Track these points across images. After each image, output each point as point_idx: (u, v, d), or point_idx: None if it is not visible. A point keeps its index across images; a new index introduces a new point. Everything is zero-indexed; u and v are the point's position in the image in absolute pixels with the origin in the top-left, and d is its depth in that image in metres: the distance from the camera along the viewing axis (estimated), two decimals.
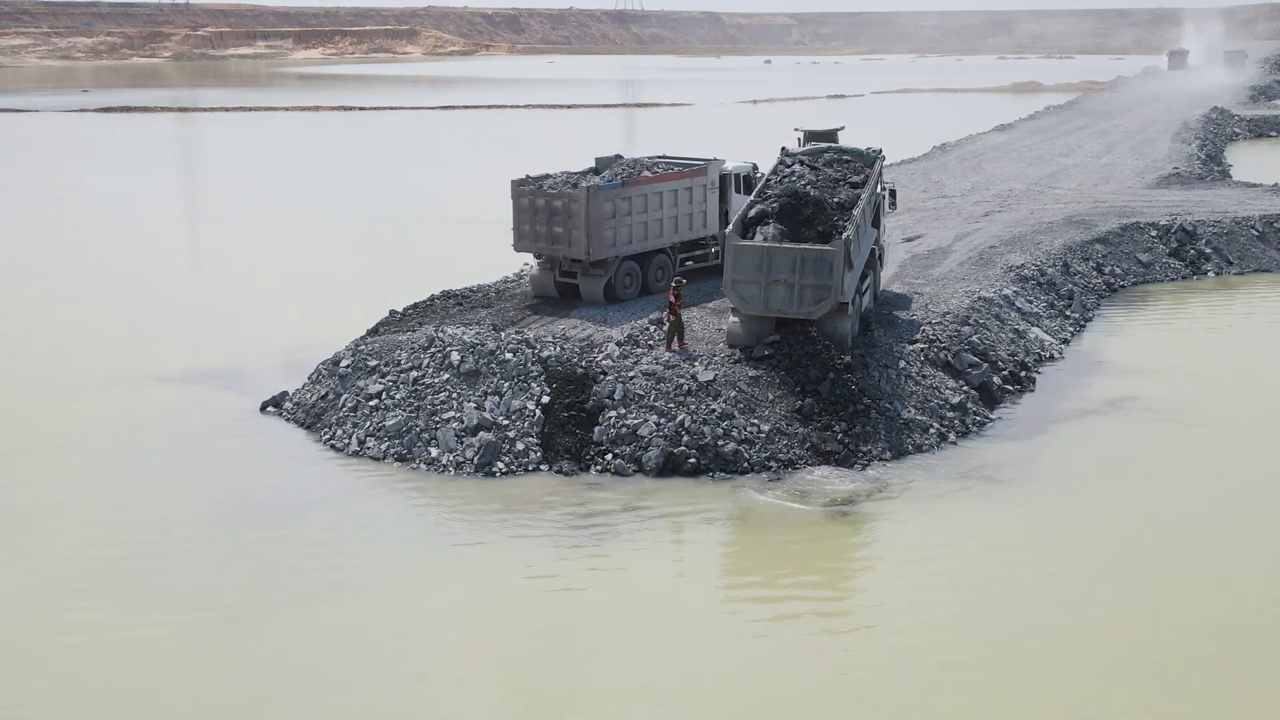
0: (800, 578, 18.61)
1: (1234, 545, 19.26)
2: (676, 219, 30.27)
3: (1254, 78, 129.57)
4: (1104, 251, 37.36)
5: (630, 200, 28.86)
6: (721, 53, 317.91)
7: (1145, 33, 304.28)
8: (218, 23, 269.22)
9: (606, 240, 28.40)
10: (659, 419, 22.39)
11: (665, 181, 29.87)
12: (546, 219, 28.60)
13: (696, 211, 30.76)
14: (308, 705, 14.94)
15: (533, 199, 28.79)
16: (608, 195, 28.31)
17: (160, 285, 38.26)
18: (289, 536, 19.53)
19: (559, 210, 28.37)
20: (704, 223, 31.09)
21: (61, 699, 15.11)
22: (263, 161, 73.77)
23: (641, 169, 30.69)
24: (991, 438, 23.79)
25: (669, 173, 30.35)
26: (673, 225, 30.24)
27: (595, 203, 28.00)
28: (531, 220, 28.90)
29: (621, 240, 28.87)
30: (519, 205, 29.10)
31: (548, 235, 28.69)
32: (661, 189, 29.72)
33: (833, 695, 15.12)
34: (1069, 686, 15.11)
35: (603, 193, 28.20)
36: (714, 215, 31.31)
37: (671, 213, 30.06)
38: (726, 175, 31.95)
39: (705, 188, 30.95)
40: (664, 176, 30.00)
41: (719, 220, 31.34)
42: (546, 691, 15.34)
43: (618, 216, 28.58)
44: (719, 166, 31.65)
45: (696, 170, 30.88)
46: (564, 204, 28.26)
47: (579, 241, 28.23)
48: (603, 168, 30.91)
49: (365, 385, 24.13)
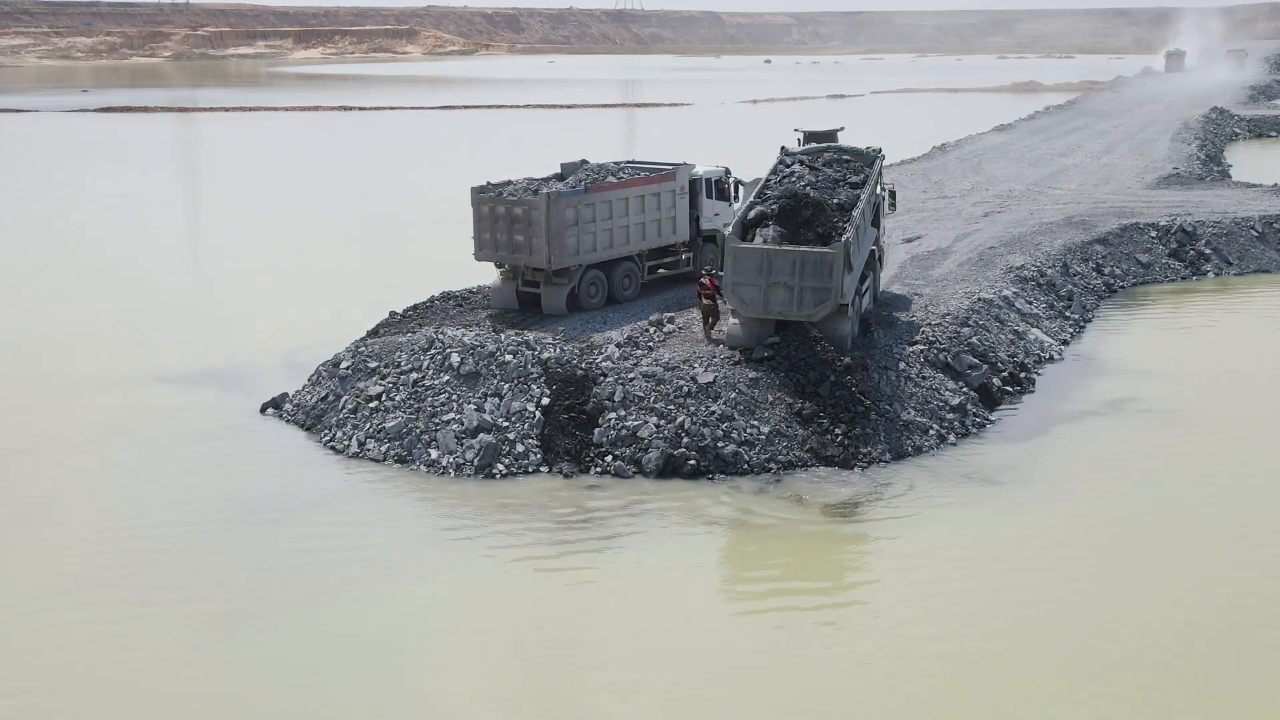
0: (800, 580, 18.62)
1: (1234, 545, 19.26)
2: (644, 225, 29.56)
3: (1257, 75, 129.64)
4: (1104, 252, 37.37)
5: (594, 207, 28.11)
6: (721, 52, 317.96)
7: (1146, 32, 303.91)
8: (217, 22, 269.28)
9: (569, 248, 27.63)
10: (659, 421, 22.40)
11: (631, 187, 29.15)
12: (507, 227, 27.84)
13: (665, 218, 30.07)
14: (307, 705, 14.95)
15: (492, 206, 27.97)
16: (569, 202, 27.54)
17: (160, 285, 38.26)
18: (289, 538, 19.54)
19: (519, 218, 27.60)
20: (673, 229, 30.43)
21: (61, 699, 15.13)
22: (262, 161, 73.78)
23: (606, 174, 29.88)
24: (991, 439, 23.80)
25: (635, 178, 29.63)
26: (640, 232, 29.52)
27: (556, 210, 27.24)
28: (492, 228, 28.10)
29: (585, 248, 28.09)
30: (479, 213, 28.26)
31: (508, 244, 27.92)
32: (627, 195, 28.99)
33: (833, 695, 15.13)
34: (1070, 687, 15.12)
35: (564, 199, 27.43)
36: (684, 221, 30.70)
37: (638, 219, 29.35)
38: (697, 180, 31.25)
39: (674, 193, 30.22)
40: (629, 182, 29.28)
41: (689, 226, 30.90)
42: (547, 692, 15.35)
43: (580, 224, 27.84)
44: (688, 171, 30.95)
45: (664, 175, 30.17)
46: (524, 211, 27.52)
47: (540, 250, 27.45)
48: (568, 173, 30.15)
49: (365, 387, 24.14)
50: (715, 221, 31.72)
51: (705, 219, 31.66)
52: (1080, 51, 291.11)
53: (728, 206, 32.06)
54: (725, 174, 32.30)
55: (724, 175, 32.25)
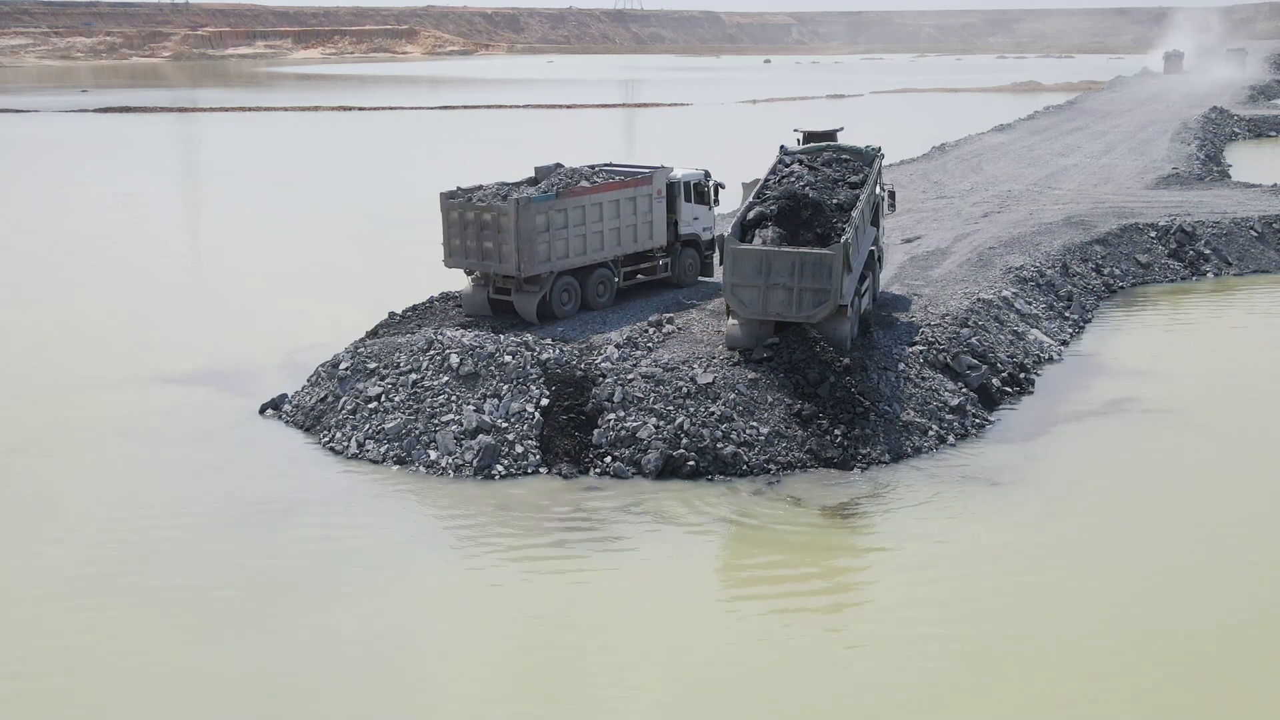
0: (799, 580, 18.61)
1: (1234, 546, 19.26)
2: (619, 231, 28.88)
3: (1259, 74, 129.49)
4: (1103, 253, 37.37)
5: (566, 212, 27.44)
6: (721, 52, 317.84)
7: (1146, 31, 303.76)
8: (217, 22, 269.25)
9: (539, 255, 26.98)
10: (658, 421, 22.40)
11: (604, 192, 28.44)
12: (476, 233, 27.26)
13: (641, 223, 29.41)
14: (306, 706, 14.96)
15: (462, 212, 27.41)
16: (540, 208, 26.87)
17: (159, 285, 38.25)
18: (288, 539, 19.55)
19: (489, 224, 27.00)
20: (650, 234, 29.76)
21: (59, 698, 15.13)
22: (262, 162, 73.74)
23: (580, 178, 29.14)
24: (990, 440, 23.80)
25: (609, 183, 28.90)
26: (614, 237, 28.81)
27: (526, 216, 26.60)
28: (461, 235, 27.54)
29: (556, 255, 27.41)
30: (448, 219, 27.71)
31: (478, 250, 27.35)
32: (601, 199, 28.29)
33: (832, 695, 15.14)
34: (1069, 687, 15.13)
35: (534, 205, 26.75)
36: (661, 226, 30.08)
37: (613, 224, 28.67)
38: (675, 183, 30.59)
39: (650, 197, 29.59)
40: (603, 186, 28.56)
41: (667, 231, 30.34)
42: (546, 692, 15.36)
43: (552, 230, 27.17)
44: (665, 174, 30.33)
45: (640, 179, 29.44)
46: (493, 217, 26.89)
47: (509, 257, 26.82)
48: (542, 177, 29.49)
49: (364, 388, 24.13)
50: (694, 226, 31.18)
51: (684, 223, 30.98)
52: (1080, 51, 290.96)
53: (708, 210, 31.58)
54: (705, 177, 31.59)
55: (703, 178, 31.53)
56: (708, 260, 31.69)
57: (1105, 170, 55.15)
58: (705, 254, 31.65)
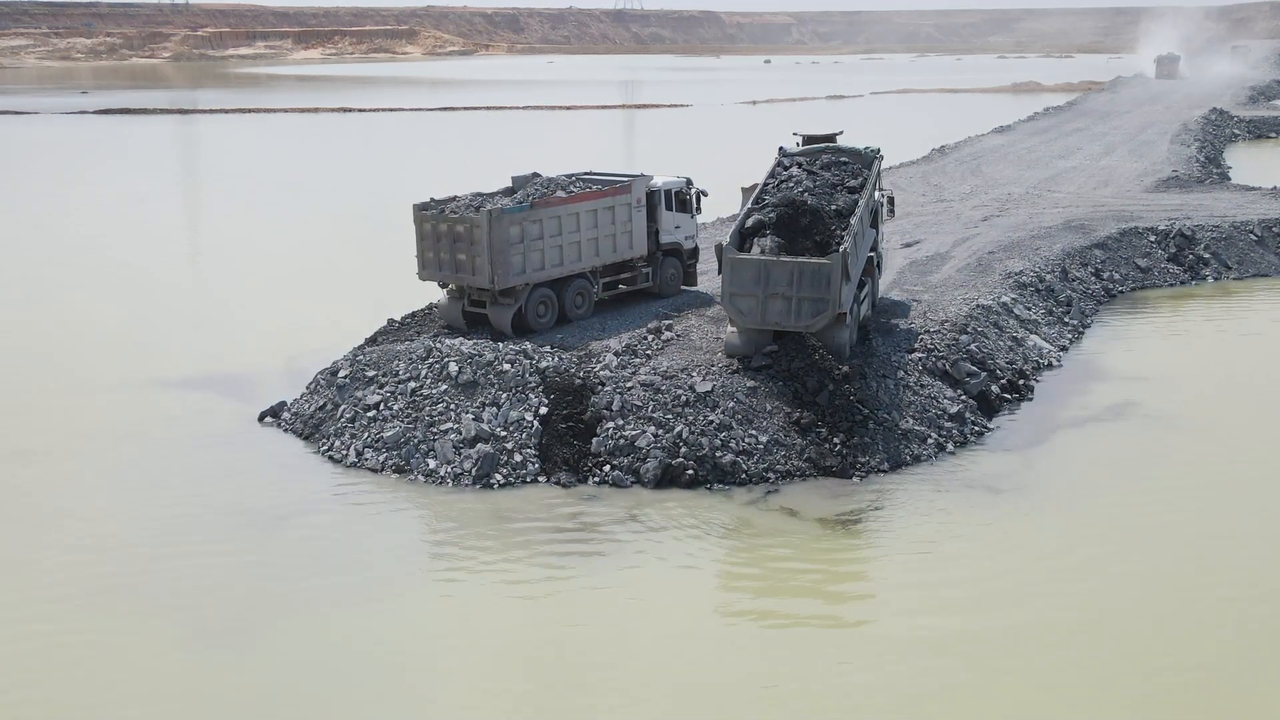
0: (798, 589, 18.58)
1: (1235, 551, 19.24)
2: (597, 241, 28.27)
3: (1261, 73, 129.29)
4: (1102, 257, 37.34)
5: (541, 223, 26.85)
6: (721, 52, 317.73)
7: (1145, 31, 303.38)
8: (217, 23, 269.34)
9: (513, 267, 26.42)
10: (657, 430, 22.37)
11: (581, 201, 27.83)
12: (450, 245, 26.74)
13: (620, 232, 28.79)
14: (305, 714, 14.96)
15: (435, 224, 26.89)
16: (513, 219, 26.30)
17: (159, 288, 38.25)
18: (286, 547, 19.53)
19: (461, 236, 26.46)
20: (629, 244, 29.14)
21: (58, 706, 15.13)
22: (262, 163, 73.73)
23: (556, 188, 28.52)
24: (990, 447, 23.78)
25: (585, 192, 28.36)
26: (592, 248, 28.22)
27: (499, 227, 26.03)
28: (435, 247, 27.00)
29: (531, 266, 26.81)
30: (421, 231, 27.22)
31: (451, 263, 26.84)
32: (577, 209, 27.68)
33: (830, 705, 15.11)
34: (1070, 693, 15.12)
35: (507, 216, 26.18)
36: (641, 235, 29.47)
37: (590, 234, 28.06)
38: (655, 192, 29.92)
39: (630, 206, 28.94)
40: (579, 196, 27.97)
41: (647, 240, 29.81)
42: (544, 701, 15.33)
43: (526, 241, 26.58)
44: (645, 183, 29.65)
45: (618, 188, 28.79)
46: (466, 229, 26.37)
47: (483, 269, 26.29)
48: (518, 187, 28.87)
49: (363, 396, 24.12)
50: (676, 234, 30.62)
51: (665, 232, 30.38)
52: (1080, 51, 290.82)
53: (690, 219, 31.00)
54: (686, 185, 30.80)
55: (685, 186, 30.75)
56: (690, 269, 31.23)
57: (1105, 173, 55.13)
58: (688, 263, 31.14)
